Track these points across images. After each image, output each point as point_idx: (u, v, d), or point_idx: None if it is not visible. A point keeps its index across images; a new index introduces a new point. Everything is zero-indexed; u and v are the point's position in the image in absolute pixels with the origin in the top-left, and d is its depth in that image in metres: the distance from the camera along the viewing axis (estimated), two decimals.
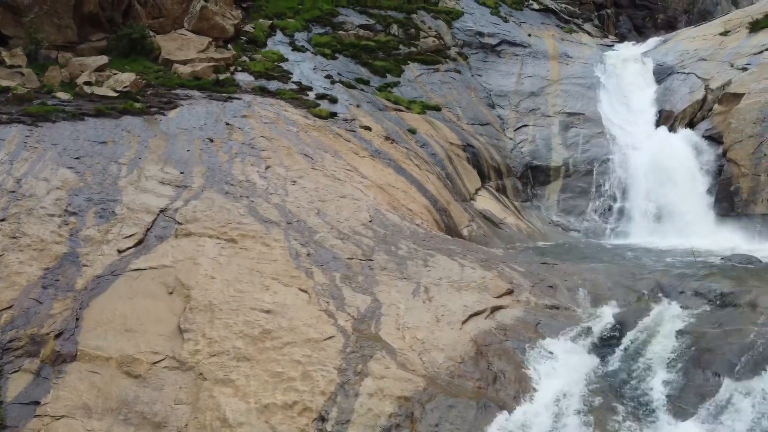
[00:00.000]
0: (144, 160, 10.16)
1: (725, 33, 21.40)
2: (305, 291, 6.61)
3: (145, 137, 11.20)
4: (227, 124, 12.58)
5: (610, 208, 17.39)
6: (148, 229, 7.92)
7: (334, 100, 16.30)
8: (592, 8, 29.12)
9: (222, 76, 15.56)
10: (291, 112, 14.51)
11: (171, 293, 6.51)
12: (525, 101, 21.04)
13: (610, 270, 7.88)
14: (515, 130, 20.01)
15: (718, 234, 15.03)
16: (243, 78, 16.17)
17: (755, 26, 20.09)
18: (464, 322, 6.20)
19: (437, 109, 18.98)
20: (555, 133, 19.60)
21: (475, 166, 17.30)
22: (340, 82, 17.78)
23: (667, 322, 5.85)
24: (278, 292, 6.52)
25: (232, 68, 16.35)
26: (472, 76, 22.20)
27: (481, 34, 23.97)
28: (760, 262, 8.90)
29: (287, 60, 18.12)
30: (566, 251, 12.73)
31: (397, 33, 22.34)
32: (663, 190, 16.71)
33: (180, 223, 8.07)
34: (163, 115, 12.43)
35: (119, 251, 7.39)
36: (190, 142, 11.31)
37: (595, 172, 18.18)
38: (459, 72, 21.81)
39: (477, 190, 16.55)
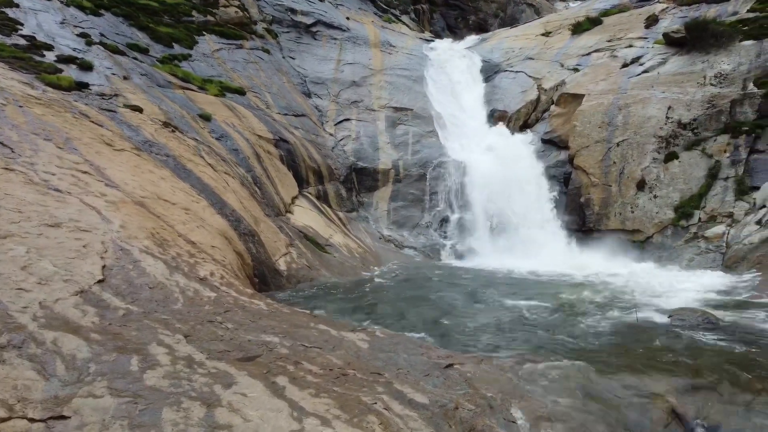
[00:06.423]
0: None
1: (547, 34, 19.61)
2: None
3: None
4: None
5: (447, 220, 14.11)
6: None
7: (87, 67, 10.63)
8: (409, 1, 26.31)
9: None
10: (3, 76, 8.69)
11: None
12: (346, 91, 17.07)
13: (565, 374, 4.06)
14: (336, 125, 15.93)
15: (572, 253, 12.46)
16: None
17: (578, 28, 18.45)
18: None
19: (241, 92, 14.12)
20: (382, 130, 15.89)
21: (291, 167, 12.84)
22: (102, 44, 12.06)
23: None
24: None
25: None
26: (284, 58, 17.65)
27: (293, 11, 19.47)
28: (720, 322, 5.82)
29: (17, 6, 11.86)
30: (420, 288, 8.94)
31: None
32: (506, 200, 13.81)
33: None
34: None
35: None
36: None
37: (428, 177, 14.78)
38: (268, 52, 17.11)
39: (294, 198, 12.11)
